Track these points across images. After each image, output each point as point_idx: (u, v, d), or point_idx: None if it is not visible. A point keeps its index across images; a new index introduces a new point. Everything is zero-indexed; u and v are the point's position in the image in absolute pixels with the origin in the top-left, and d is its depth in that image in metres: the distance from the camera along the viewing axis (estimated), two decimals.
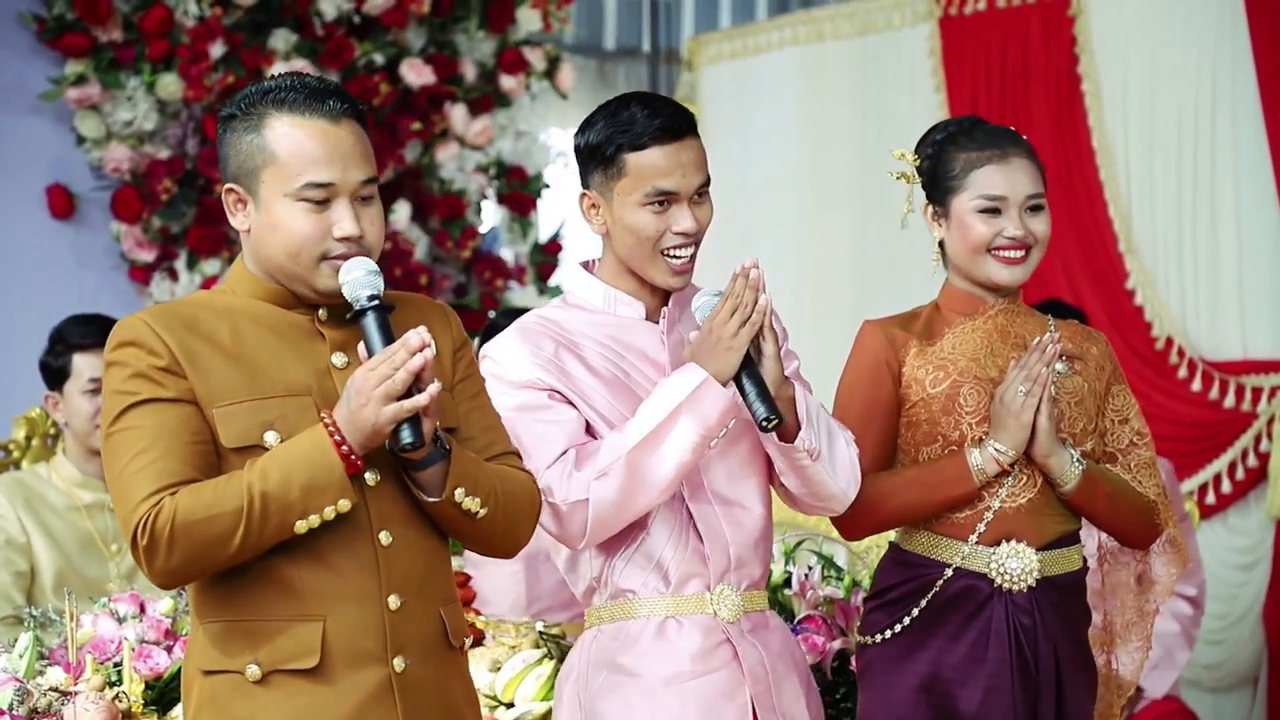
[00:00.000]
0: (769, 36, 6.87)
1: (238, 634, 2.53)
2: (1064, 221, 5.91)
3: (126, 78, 5.53)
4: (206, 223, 5.57)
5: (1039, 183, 3.22)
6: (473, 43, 6.05)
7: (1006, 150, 3.22)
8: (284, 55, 5.66)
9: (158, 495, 2.45)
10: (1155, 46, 5.80)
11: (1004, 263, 3.23)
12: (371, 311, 2.53)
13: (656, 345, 3.05)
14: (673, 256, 3.00)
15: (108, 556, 4.44)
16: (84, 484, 4.45)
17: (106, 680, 3.45)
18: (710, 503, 3.03)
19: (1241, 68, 5.53)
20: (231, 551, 2.47)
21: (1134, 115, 5.83)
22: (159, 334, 2.53)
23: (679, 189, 2.98)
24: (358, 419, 2.46)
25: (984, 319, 3.29)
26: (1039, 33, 6.04)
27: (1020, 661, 3.20)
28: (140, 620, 3.59)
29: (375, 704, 2.54)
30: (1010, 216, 3.20)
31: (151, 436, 2.49)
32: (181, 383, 2.51)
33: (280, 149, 2.56)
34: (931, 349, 3.29)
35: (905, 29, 6.42)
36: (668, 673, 2.97)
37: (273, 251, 2.59)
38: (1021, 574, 3.21)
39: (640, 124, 2.97)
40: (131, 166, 5.54)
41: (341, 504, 2.48)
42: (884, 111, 6.47)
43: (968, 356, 3.26)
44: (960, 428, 3.22)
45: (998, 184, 3.19)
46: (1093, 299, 5.77)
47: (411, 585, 2.58)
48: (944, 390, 3.25)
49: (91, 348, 4.42)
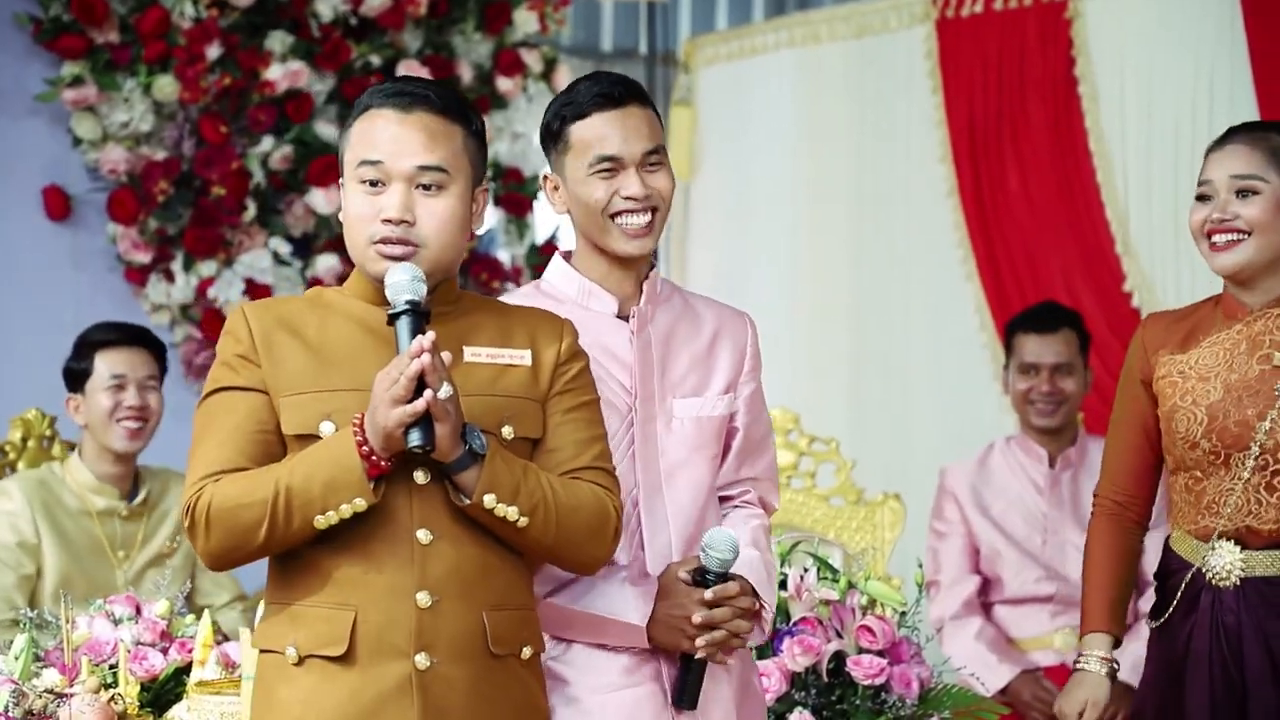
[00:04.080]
0: (765, 38, 6.85)
1: (285, 616, 2.67)
2: (1061, 223, 5.92)
3: (123, 79, 5.52)
4: (203, 224, 5.56)
5: None
6: (469, 44, 6.05)
7: None
8: (280, 57, 5.65)
9: (204, 481, 2.62)
10: (1152, 49, 5.80)
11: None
12: (405, 316, 2.61)
13: (624, 344, 3.03)
14: (625, 222, 3.00)
15: (115, 564, 4.45)
16: (98, 489, 4.46)
17: (102, 682, 3.45)
18: (661, 511, 3.01)
19: (1239, 71, 5.53)
20: (260, 541, 2.61)
21: (1131, 118, 5.83)
22: (248, 321, 2.69)
23: (622, 154, 2.99)
24: (375, 420, 2.56)
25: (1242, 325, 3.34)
26: (1036, 35, 6.03)
27: (1220, 656, 3.28)
28: (136, 622, 3.59)
29: (393, 698, 2.60)
30: None
31: (216, 424, 2.66)
32: (256, 371, 2.66)
33: (353, 135, 2.73)
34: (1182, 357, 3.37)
35: (902, 31, 6.40)
36: (595, 683, 2.95)
37: (347, 235, 2.72)
38: (1225, 571, 3.29)
39: (581, 94, 3.00)
40: (128, 168, 5.53)
41: (357, 503, 2.57)
42: (881, 113, 6.46)
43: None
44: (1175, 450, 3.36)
45: None
46: (1090, 301, 5.77)
47: (451, 586, 2.63)
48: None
49: (113, 345, 4.49)
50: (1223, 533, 3.33)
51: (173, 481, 4.54)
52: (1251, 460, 3.28)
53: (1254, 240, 3.31)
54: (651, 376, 3.04)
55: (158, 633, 3.58)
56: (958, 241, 6.19)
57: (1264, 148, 3.31)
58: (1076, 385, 4.94)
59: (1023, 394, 4.95)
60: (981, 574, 4.99)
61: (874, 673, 3.61)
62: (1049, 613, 4.90)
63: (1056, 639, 4.88)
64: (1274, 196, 3.30)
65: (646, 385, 3.03)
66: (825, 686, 3.68)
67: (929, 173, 6.27)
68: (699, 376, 3.08)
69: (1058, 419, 4.93)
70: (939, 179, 6.25)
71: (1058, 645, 4.88)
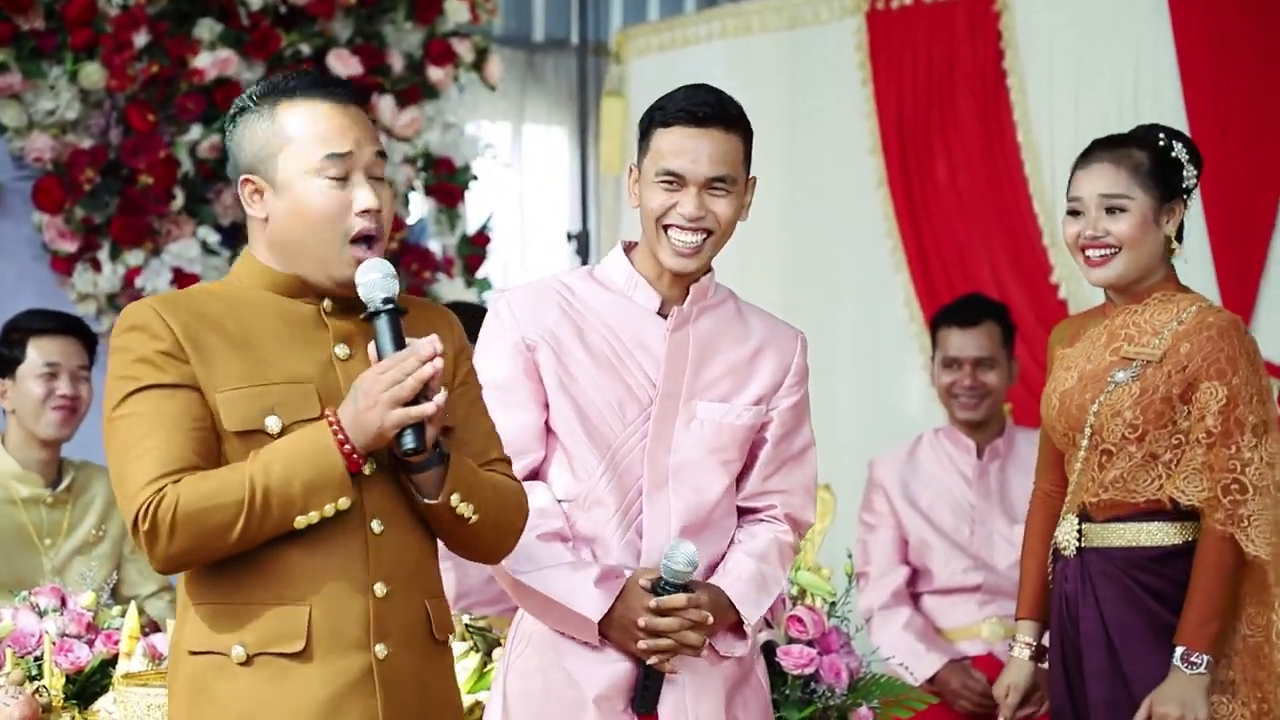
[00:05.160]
0: (697, 29, 6.87)
1: (226, 616, 2.57)
2: (989, 216, 5.95)
3: (48, 67, 5.47)
4: (130, 213, 5.52)
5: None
6: (400, 34, 6.03)
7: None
8: (209, 45, 5.62)
9: (160, 482, 2.51)
10: (1079, 43, 5.84)
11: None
12: (385, 314, 2.57)
13: (658, 339, 3.07)
14: (675, 238, 3.02)
15: (41, 551, 4.41)
16: (22, 477, 4.43)
17: (27, 674, 3.42)
18: (664, 505, 3.05)
19: (1165, 65, 5.58)
20: (231, 541, 2.52)
21: (1059, 111, 5.87)
22: (164, 318, 2.58)
23: (686, 173, 3.02)
24: (363, 420, 2.52)
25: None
26: (965, 28, 6.07)
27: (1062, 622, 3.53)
28: (61, 614, 3.56)
29: (356, 690, 2.57)
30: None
31: (153, 422, 2.54)
32: (184, 367, 2.56)
33: (295, 130, 2.64)
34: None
35: (833, 23, 6.43)
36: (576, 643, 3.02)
37: (295, 234, 2.64)
38: (1066, 542, 3.53)
39: (674, 103, 3.04)
40: (54, 156, 5.48)
41: (341, 502, 2.54)
42: (812, 104, 6.48)
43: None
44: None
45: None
46: (1017, 293, 5.81)
47: (399, 575, 2.62)
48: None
49: (47, 333, 4.45)
50: (1069, 508, 3.58)
51: (96, 473, 4.51)
52: (1086, 440, 3.51)
53: (1125, 254, 3.51)
54: (681, 376, 3.07)
55: (83, 625, 3.56)
56: (887, 232, 6.21)
57: (1127, 165, 3.51)
58: (1000, 379, 4.97)
59: (946, 387, 4.99)
60: (910, 565, 5.02)
61: (804, 663, 3.63)
62: (976, 602, 4.93)
63: (984, 628, 4.92)
64: (1141, 212, 3.50)
65: (672, 383, 3.07)
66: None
67: (859, 164, 6.29)
68: (732, 384, 3.11)
69: (981, 412, 4.97)
70: (869, 170, 6.27)
71: (985, 635, 4.91)
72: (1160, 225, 3.51)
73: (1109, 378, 3.51)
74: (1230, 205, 5.39)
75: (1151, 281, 3.54)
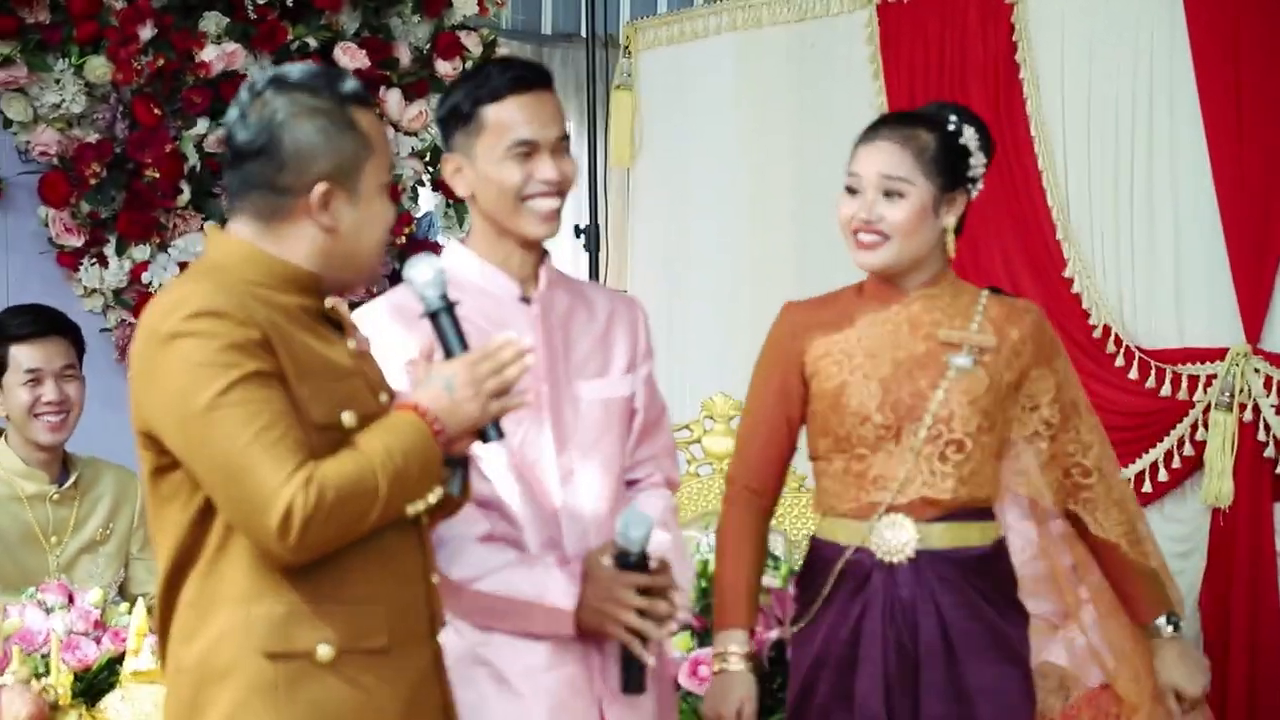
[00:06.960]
0: (706, 22, 6.86)
1: (303, 616, 2.51)
2: (1002, 209, 5.92)
3: (54, 60, 5.44)
4: (136, 208, 5.50)
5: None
6: (408, 27, 6.01)
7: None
8: (215, 38, 5.60)
9: (305, 471, 2.44)
10: (1092, 35, 5.82)
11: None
12: (444, 313, 2.65)
13: (529, 328, 3.05)
14: (537, 205, 3.02)
15: (47, 549, 4.38)
16: (27, 474, 4.40)
17: (34, 672, 3.41)
18: (578, 493, 3.05)
19: (1179, 56, 5.55)
20: (364, 530, 2.50)
21: (1071, 104, 5.84)
22: (245, 308, 2.50)
23: (539, 138, 3.01)
24: (462, 411, 2.57)
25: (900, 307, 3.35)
26: (977, 20, 6.04)
27: (894, 633, 3.24)
28: (69, 611, 3.55)
29: (426, 682, 2.61)
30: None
31: (272, 411, 2.46)
32: (272, 358, 2.50)
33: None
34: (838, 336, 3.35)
35: (843, 15, 6.41)
36: (523, 665, 2.98)
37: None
38: (899, 546, 3.27)
39: (496, 78, 3.02)
40: (59, 150, 5.46)
41: (438, 490, 2.57)
42: (822, 97, 6.46)
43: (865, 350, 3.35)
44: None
45: None
46: (1030, 287, 5.78)
47: (434, 565, 2.68)
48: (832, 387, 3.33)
49: (29, 338, 4.39)
50: (892, 506, 3.29)
51: (104, 469, 4.48)
52: (924, 430, 3.28)
53: (895, 243, 3.33)
54: (558, 360, 3.07)
55: (91, 621, 3.55)
56: None
57: (913, 148, 3.31)
58: None
59: None
60: None
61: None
62: None
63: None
64: (919, 200, 3.31)
65: (554, 369, 3.07)
66: (766, 674, 3.68)
67: None
68: (601, 358, 3.13)
69: None
70: None
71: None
72: (939, 215, 3.34)
73: (946, 363, 3.32)
74: (1245, 195, 5.37)
75: (929, 272, 3.39)
